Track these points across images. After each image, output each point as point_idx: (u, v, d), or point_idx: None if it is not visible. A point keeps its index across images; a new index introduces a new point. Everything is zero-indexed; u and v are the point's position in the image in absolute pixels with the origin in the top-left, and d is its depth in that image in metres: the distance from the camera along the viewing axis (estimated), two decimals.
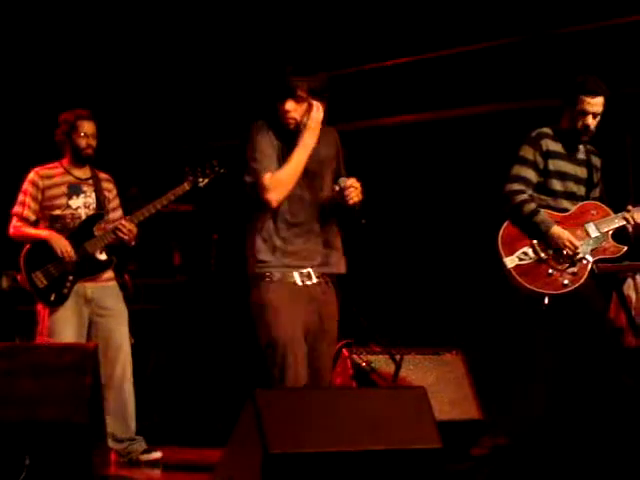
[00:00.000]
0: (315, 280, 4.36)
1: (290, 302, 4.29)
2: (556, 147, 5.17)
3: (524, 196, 5.08)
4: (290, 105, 4.30)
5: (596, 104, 5.08)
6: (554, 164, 5.15)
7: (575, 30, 6.54)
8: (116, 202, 5.64)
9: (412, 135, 7.26)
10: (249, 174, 4.33)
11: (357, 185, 4.28)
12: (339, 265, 4.44)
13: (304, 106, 4.31)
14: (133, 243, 5.45)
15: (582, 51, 6.34)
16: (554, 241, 5.05)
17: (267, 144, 4.32)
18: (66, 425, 4.26)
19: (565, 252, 5.05)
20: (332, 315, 4.42)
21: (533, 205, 5.07)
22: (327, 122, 4.38)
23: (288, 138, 4.34)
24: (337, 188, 4.30)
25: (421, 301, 6.98)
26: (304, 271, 4.34)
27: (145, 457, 5.44)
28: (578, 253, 5.05)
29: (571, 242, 5.05)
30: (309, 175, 4.36)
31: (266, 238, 4.34)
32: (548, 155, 5.14)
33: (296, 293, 4.32)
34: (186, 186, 5.45)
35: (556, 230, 5.06)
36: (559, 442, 4.53)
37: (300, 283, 4.34)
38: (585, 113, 5.08)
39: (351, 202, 4.24)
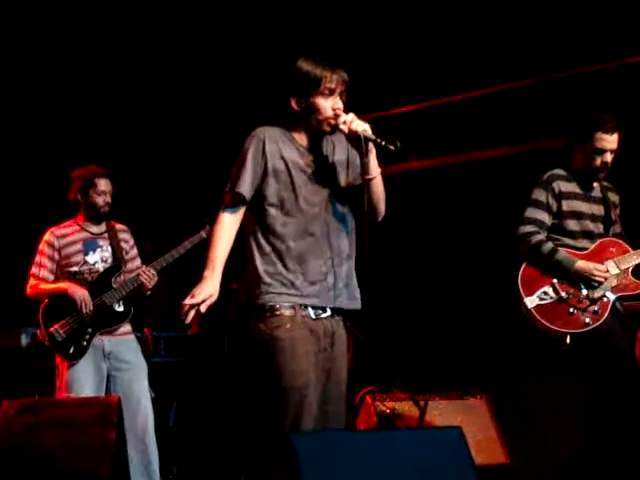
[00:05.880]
0: (329, 312, 3.80)
1: (303, 340, 3.72)
2: (569, 187, 5.13)
3: (540, 237, 5.04)
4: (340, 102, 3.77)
5: (613, 141, 5.04)
6: (568, 205, 5.11)
7: (581, 72, 6.55)
8: (134, 252, 5.65)
9: (425, 180, 7.26)
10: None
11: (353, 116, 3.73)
12: (355, 299, 3.88)
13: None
14: (149, 292, 5.45)
15: (588, 91, 6.34)
16: (580, 275, 5.00)
17: (256, 163, 3.78)
18: (90, 479, 4.23)
19: (596, 280, 4.97)
20: (344, 353, 3.86)
21: (550, 244, 5.03)
22: None
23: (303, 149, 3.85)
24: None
25: (444, 345, 6.93)
26: (318, 303, 3.77)
27: None
28: (607, 278, 4.99)
29: (598, 270, 4.99)
30: (315, 182, 3.82)
31: (273, 262, 3.77)
32: (561, 196, 5.10)
33: (309, 328, 3.75)
34: (203, 234, 5.47)
35: (580, 264, 5.00)
36: None
37: (314, 316, 3.77)
38: (603, 151, 5.04)
39: (361, 130, 3.69)
